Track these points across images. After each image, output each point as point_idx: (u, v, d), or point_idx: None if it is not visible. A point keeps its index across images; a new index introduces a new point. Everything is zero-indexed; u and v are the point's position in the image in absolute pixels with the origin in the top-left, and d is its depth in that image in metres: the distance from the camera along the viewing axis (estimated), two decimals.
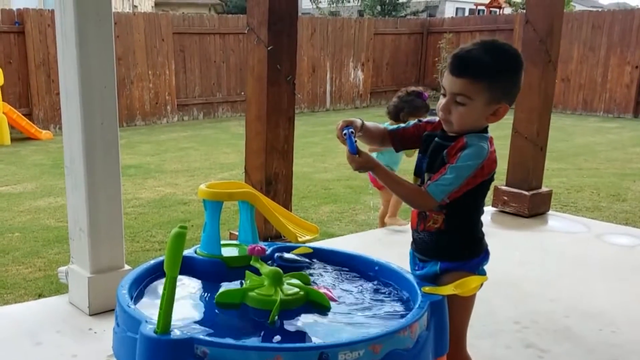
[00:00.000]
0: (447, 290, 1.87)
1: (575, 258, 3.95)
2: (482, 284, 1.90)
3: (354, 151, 1.92)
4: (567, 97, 14.26)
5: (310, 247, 2.27)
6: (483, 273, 2.03)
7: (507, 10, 24.30)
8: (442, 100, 1.92)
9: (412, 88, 4.66)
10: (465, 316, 2.09)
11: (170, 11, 15.80)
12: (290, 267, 2.10)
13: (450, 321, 2.01)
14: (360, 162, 1.92)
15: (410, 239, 2.14)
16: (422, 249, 2.07)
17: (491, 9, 24.82)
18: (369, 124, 2.09)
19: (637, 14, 13.45)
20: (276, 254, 2.20)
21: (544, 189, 5.28)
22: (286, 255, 2.20)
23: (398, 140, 2.13)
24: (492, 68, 1.85)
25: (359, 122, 2.03)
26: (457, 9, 36.88)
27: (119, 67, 11.78)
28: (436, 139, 2.00)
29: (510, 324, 3.13)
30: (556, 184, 6.97)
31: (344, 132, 1.93)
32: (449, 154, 1.91)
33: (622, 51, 13.39)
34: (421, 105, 4.45)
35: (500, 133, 3.12)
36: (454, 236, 2.00)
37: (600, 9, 16.16)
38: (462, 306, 2.04)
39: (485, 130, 1.95)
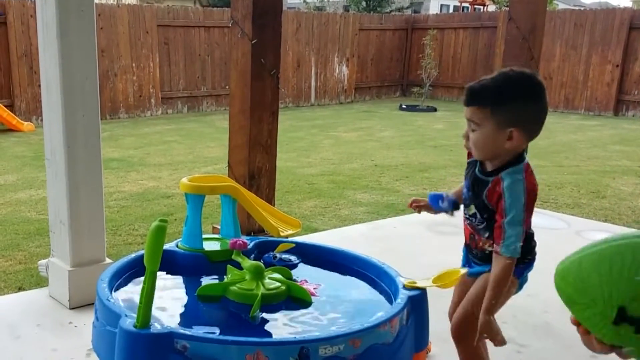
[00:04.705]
0: (427, 284, 1.89)
1: (555, 254, 3.98)
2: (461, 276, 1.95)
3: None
4: (549, 94, 13.69)
5: (292, 242, 2.27)
6: (526, 279, 2.24)
7: (491, 8, 24.44)
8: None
9: None
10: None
11: (154, 3, 15.65)
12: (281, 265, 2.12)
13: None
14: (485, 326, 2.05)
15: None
16: (478, 258, 2.19)
17: (475, 6, 24.97)
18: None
19: (619, 13, 13.58)
20: (268, 254, 2.23)
21: None
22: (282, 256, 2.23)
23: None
24: (495, 95, 1.95)
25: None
26: (441, 5, 36.98)
27: (103, 59, 11.66)
28: (476, 170, 2.10)
29: None
30: (537, 180, 7.01)
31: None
32: (489, 197, 2.01)
33: (603, 50, 13.52)
34: None
35: None
36: None
37: (582, 8, 16.29)
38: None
39: (519, 157, 2.02)
